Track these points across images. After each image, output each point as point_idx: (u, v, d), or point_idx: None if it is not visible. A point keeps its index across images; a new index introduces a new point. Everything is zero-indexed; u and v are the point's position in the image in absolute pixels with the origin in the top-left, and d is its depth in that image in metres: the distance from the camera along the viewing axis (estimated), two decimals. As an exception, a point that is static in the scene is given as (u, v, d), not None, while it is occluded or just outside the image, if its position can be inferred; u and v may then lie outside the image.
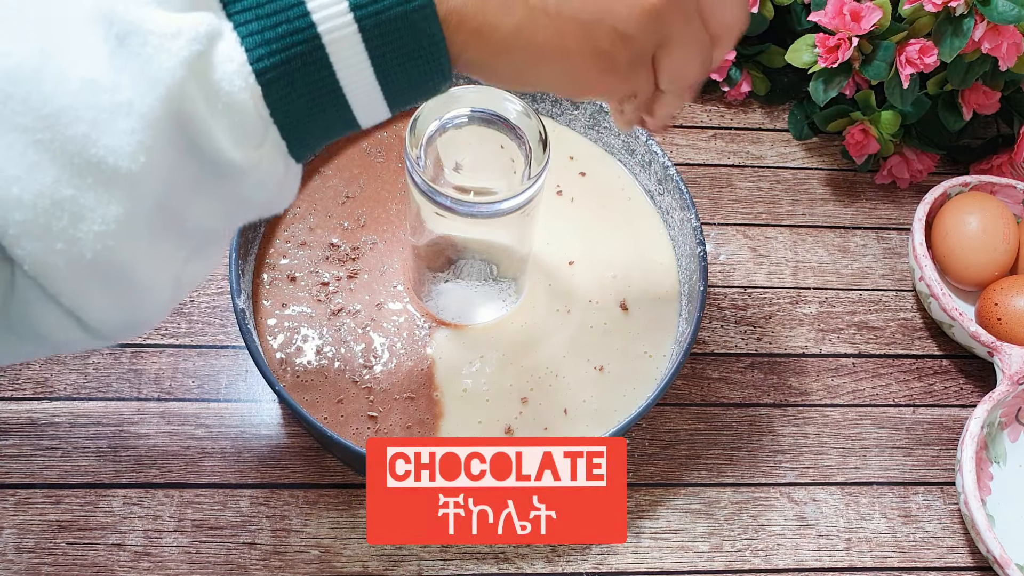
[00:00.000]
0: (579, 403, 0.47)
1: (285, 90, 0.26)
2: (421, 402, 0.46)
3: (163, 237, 0.26)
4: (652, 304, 0.50)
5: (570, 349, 0.48)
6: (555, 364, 0.48)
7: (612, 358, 0.48)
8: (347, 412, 0.45)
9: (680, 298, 0.50)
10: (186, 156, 0.25)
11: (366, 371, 0.46)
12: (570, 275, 0.51)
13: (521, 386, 0.47)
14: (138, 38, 0.24)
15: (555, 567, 0.46)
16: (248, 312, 0.45)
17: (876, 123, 0.57)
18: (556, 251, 0.51)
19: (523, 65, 0.29)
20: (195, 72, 0.24)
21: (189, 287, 0.29)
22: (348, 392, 0.46)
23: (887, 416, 0.53)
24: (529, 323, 0.49)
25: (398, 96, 0.28)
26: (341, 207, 0.51)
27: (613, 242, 0.52)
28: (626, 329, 0.49)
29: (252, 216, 0.29)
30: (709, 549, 0.48)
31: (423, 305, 0.48)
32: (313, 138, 0.28)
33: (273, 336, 0.47)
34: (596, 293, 0.50)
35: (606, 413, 0.46)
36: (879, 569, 0.48)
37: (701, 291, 0.46)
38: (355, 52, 0.26)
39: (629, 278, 0.51)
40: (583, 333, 0.49)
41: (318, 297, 0.48)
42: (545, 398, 0.47)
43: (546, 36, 0.28)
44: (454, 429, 0.45)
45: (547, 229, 0.51)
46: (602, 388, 0.47)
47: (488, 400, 0.46)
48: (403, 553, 0.46)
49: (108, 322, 0.27)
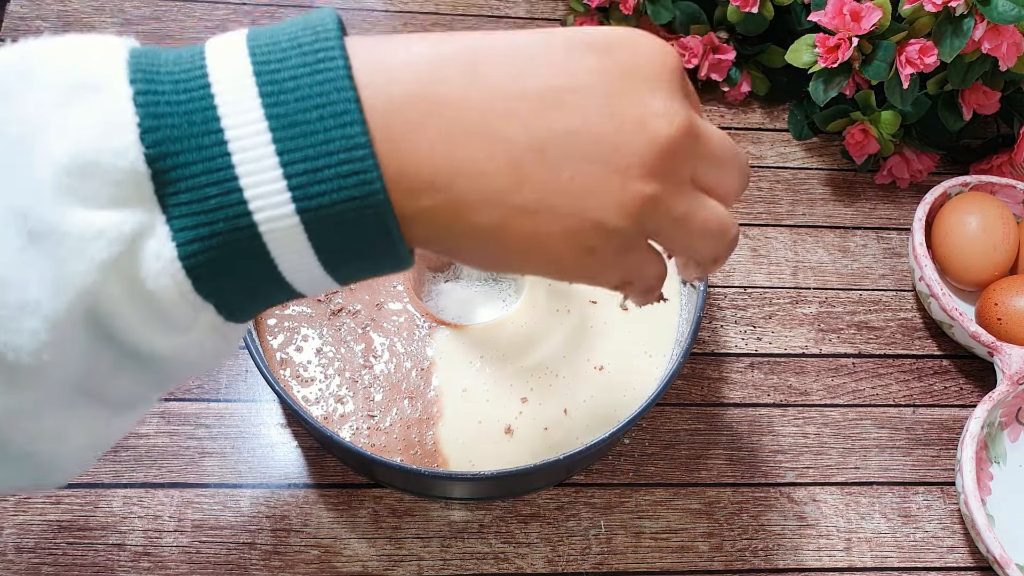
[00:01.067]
0: (579, 403, 0.47)
1: (221, 282, 0.24)
2: (421, 402, 0.46)
3: (80, 408, 0.25)
4: (652, 304, 0.50)
5: (570, 349, 0.48)
6: (555, 364, 0.48)
7: (612, 358, 0.48)
8: (347, 412, 0.45)
9: (680, 298, 0.50)
10: (102, 348, 0.24)
11: (366, 371, 0.46)
12: None
13: (521, 386, 0.47)
14: (53, 239, 0.22)
15: (555, 567, 0.46)
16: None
17: (876, 123, 0.57)
18: None
19: (498, 259, 0.26)
20: (115, 272, 0.22)
21: (116, 437, 0.28)
22: (348, 392, 0.46)
23: (887, 416, 0.53)
24: (529, 323, 0.49)
25: (351, 280, 0.26)
26: None
27: None
28: (626, 329, 0.49)
29: (187, 379, 0.27)
30: (709, 549, 0.48)
31: (423, 305, 0.48)
32: (255, 310, 0.26)
33: (273, 336, 0.47)
34: (596, 293, 0.50)
35: (606, 413, 0.46)
36: (879, 569, 0.48)
37: (701, 291, 0.46)
38: (298, 248, 0.24)
39: None
40: (583, 333, 0.49)
41: (318, 297, 0.48)
42: (545, 398, 0.47)
43: (525, 233, 0.25)
44: (453, 430, 0.45)
45: None
46: (602, 388, 0.47)
47: (488, 400, 0.46)
48: (403, 553, 0.46)
49: (10, 488, 0.26)
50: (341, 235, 0.24)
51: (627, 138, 0.25)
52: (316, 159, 0.23)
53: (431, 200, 0.24)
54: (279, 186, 0.23)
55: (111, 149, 0.22)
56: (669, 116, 0.26)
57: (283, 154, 0.23)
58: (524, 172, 0.24)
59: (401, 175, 0.24)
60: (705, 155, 0.27)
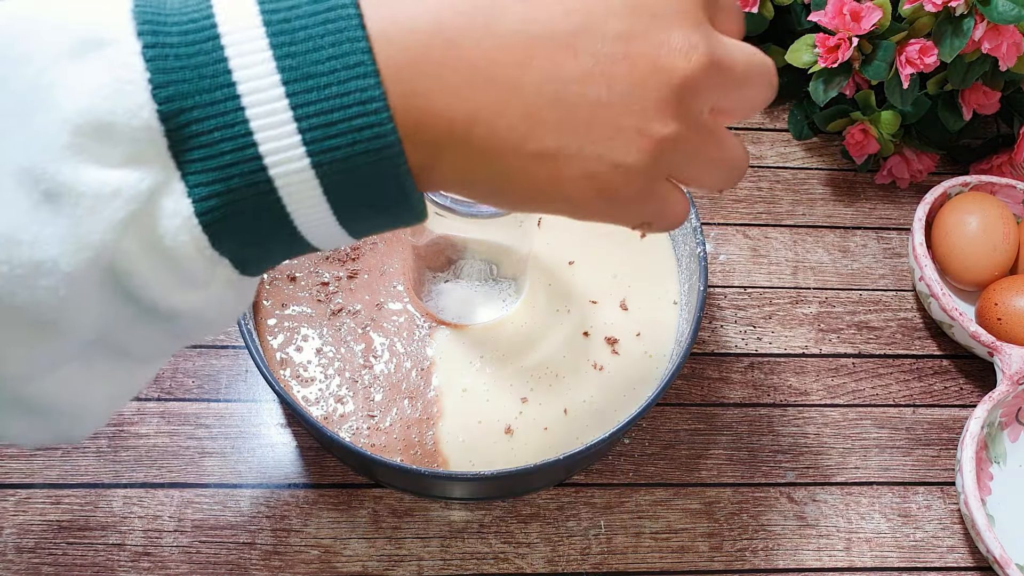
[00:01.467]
0: (579, 403, 0.47)
1: (238, 237, 0.24)
2: (421, 402, 0.46)
3: (102, 360, 0.25)
4: (652, 304, 0.50)
5: (570, 349, 0.48)
6: (555, 364, 0.48)
7: (612, 358, 0.48)
8: (347, 412, 0.45)
9: (680, 298, 0.50)
10: (121, 305, 0.24)
11: (366, 371, 0.46)
12: (570, 275, 0.51)
13: (521, 386, 0.47)
14: (68, 199, 0.22)
15: (555, 567, 0.46)
16: (248, 312, 0.45)
17: (876, 123, 0.57)
18: (556, 251, 0.51)
19: (516, 201, 0.27)
20: (133, 230, 0.22)
21: (139, 387, 0.28)
22: (348, 392, 0.46)
23: (887, 416, 0.53)
24: (529, 323, 0.49)
25: (366, 233, 0.26)
26: None
27: (613, 242, 0.52)
28: (626, 329, 0.49)
29: (205, 335, 0.27)
30: (709, 549, 0.48)
31: (423, 305, 0.48)
32: (271, 263, 0.26)
33: (273, 336, 0.47)
34: (596, 293, 0.50)
35: (606, 413, 0.46)
36: (879, 569, 0.48)
37: (701, 291, 0.46)
38: (314, 202, 0.24)
39: (629, 278, 0.51)
40: (583, 333, 0.49)
41: (318, 297, 0.48)
42: (545, 398, 0.47)
43: (543, 178, 0.25)
44: (454, 429, 0.45)
45: (547, 229, 0.51)
46: (602, 388, 0.47)
47: (488, 400, 0.46)
48: (403, 553, 0.46)
49: (33, 441, 0.26)
50: (356, 188, 0.24)
51: (642, 79, 0.25)
52: (330, 112, 0.23)
53: (447, 151, 0.24)
54: (294, 140, 0.23)
55: (124, 108, 0.22)
56: (685, 51, 0.25)
57: (296, 108, 0.23)
58: (540, 118, 0.24)
59: (417, 127, 0.24)
60: (727, 82, 0.27)
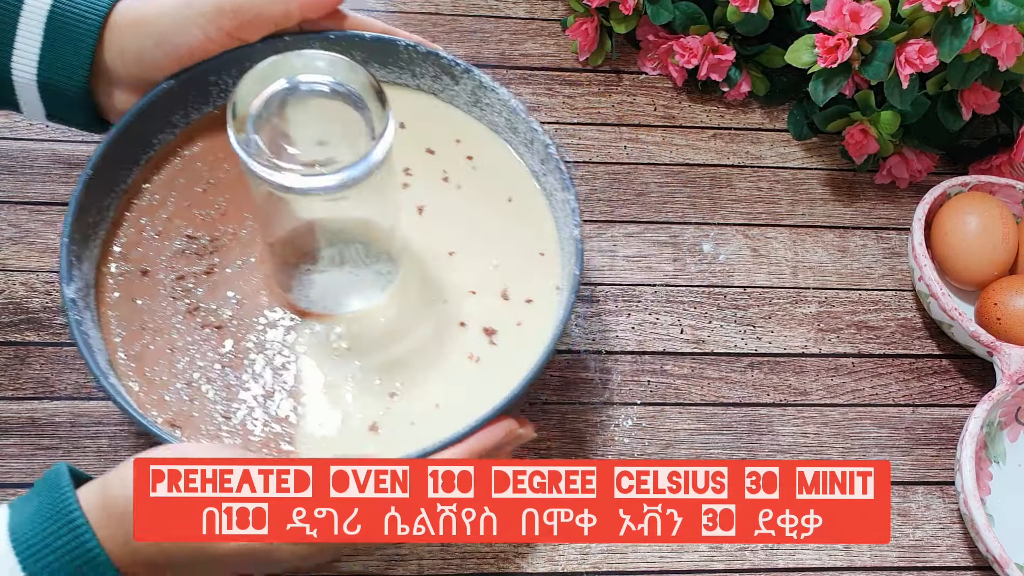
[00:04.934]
0: (452, 397, 0.44)
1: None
2: (280, 396, 0.43)
3: None
4: (534, 292, 0.47)
5: (444, 340, 0.46)
6: (428, 356, 0.45)
7: (489, 349, 0.46)
8: (199, 413, 0.42)
9: (562, 283, 0.47)
10: None
11: (222, 367, 0.44)
12: (449, 265, 0.48)
13: (389, 381, 0.44)
14: None
15: (555, 567, 0.46)
16: (85, 302, 0.42)
17: (875, 123, 0.57)
18: (437, 242, 0.49)
19: None
20: None
21: None
22: (202, 389, 0.43)
23: (887, 416, 0.53)
24: (401, 314, 0.46)
25: None
26: (202, 195, 0.48)
27: (497, 229, 0.49)
28: (506, 319, 0.47)
29: None
30: (709, 549, 0.48)
31: (286, 297, 0.46)
32: None
33: (117, 330, 0.44)
34: (476, 283, 0.48)
35: (481, 407, 0.41)
36: (879, 569, 0.48)
37: (575, 275, 0.44)
38: None
39: (512, 267, 0.48)
40: (459, 324, 0.46)
41: (173, 293, 0.45)
42: (416, 392, 0.44)
43: None
44: (313, 429, 0.43)
45: (428, 219, 0.49)
46: (477, 380, 0.45)
47: (353, 396, 0.44)
48: (403, 552, 0.46)
49: None
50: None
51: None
52: None
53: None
54: None
55: None
56: None
57: None
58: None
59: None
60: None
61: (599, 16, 0.62)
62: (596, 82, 0.64)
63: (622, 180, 0.60)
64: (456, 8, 0.66)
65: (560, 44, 0.65)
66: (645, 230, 0.58)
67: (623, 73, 0.65)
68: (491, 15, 0.66)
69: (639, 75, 0.65)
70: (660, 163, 0.61)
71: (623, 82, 0.64)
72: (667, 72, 0.64)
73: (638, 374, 0.52)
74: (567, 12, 0.66)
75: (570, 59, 0.64)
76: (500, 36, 0.65)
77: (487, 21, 0.66)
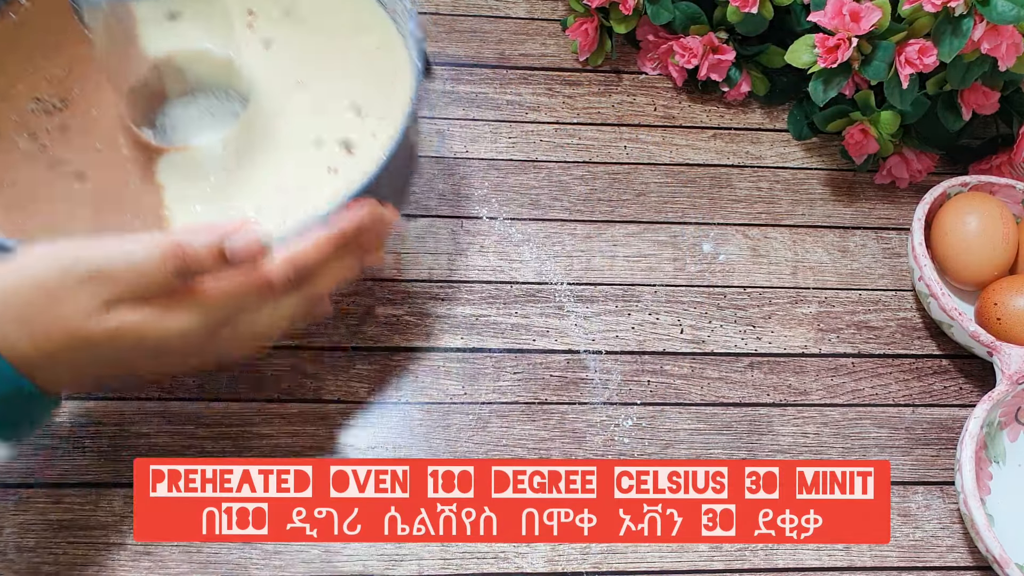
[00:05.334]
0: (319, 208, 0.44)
1: None
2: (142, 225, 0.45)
3: None
4: (387, 105, 0.48)
5: (302, 158, 0.47)
6: (288, 176, 0.46)
7: (347, 159, 0.47)
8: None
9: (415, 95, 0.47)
10: None
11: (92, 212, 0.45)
12: (300, 91, 0.49)
13: (249, 206, 0.45)
14: None
15: (555, 567, 0.46)
16: None
17: (875, 123, 0.58)
18: (285, 72, 0.50)
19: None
20: None
21: None
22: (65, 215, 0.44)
23: (887, 416, 0.53)
24: (256, 138, 0.48)
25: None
26: (44, 60, 0.49)
27: (347, 56, 0.51)
28: (361, 132, 0.48)
29: None
30: (709, 549, 0.48)
31: (142, 135, 0.47)
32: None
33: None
34: (327, 105, 0.49)
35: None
36: (879, 569, 0.48)
37: (419, 68, 0.46)
38: None
39: (363, 90, 0.49)
40: (314, 141, 0.48)
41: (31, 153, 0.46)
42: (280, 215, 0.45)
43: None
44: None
45: (278, 52, 0.51)
46: (341, 187, 0.46)
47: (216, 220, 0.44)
48: (403, 552, 0.46)
49: None
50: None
51: None
52: None
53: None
54: None
55: None
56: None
57: None
58: None
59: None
60: None
61: (599, 16, 0.62)
62: (596, 82, 0.64)
63: (622, 180, 0.60)
64: (456, 8, 0.66)
65: (560, 44, 0.65)
66: (645, 230, 0.58)
67: (623, 73, 0.65)
68: (491, 15, 0.66)
69: (639, 75, 0.65)
70: (660, 163, 0.61)
71: (623, 82, 0.64)
72: (667, 72, 0.64)
73: (638, 374, 0.53)
74: (567, 12, 0.66)
75: (570, 59, 0.65)
76: (500, 36, 0.65)
77: (487, 21, 0.66)
